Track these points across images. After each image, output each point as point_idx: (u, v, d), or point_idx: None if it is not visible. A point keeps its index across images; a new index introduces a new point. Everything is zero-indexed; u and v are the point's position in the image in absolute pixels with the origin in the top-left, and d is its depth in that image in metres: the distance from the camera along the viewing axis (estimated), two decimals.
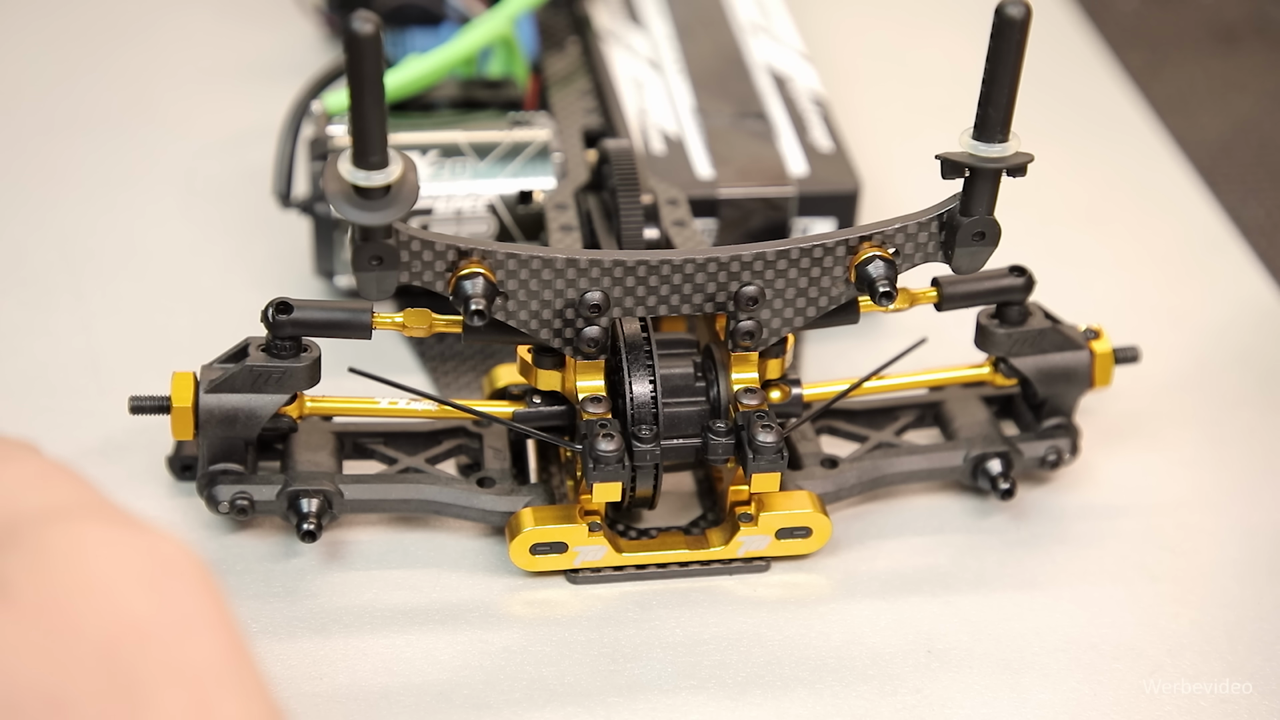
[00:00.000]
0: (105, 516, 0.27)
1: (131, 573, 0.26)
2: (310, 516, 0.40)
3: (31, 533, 0.27)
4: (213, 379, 0.39)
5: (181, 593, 0.27)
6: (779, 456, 0.39)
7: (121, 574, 0.26)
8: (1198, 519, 0.44)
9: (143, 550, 0.27)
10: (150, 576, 0.26)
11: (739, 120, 0.52)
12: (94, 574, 0.26)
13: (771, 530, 0.41)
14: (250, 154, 0.55)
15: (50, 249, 0.52)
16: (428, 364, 0.47)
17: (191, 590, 0.27)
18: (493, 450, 0.43)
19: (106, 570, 0.26)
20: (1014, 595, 0.41)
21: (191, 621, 0.26)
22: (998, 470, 0.43)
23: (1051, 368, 0.43)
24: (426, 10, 0.56)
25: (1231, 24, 0.69)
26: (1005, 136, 0.37)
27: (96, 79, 0.60)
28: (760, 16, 0.58)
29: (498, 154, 0.48)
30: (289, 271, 0.51)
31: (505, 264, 0.38)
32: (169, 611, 0.26)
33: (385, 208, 0.35)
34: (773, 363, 0.41)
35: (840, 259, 0.39)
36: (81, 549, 0.27)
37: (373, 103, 0.33)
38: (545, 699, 0.38)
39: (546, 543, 0.40)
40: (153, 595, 0.26)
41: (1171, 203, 0.57)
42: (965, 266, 0.40)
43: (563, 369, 0.41)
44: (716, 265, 0.39)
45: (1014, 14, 0.36)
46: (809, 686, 0.39)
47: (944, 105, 0.60)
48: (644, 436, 0.39)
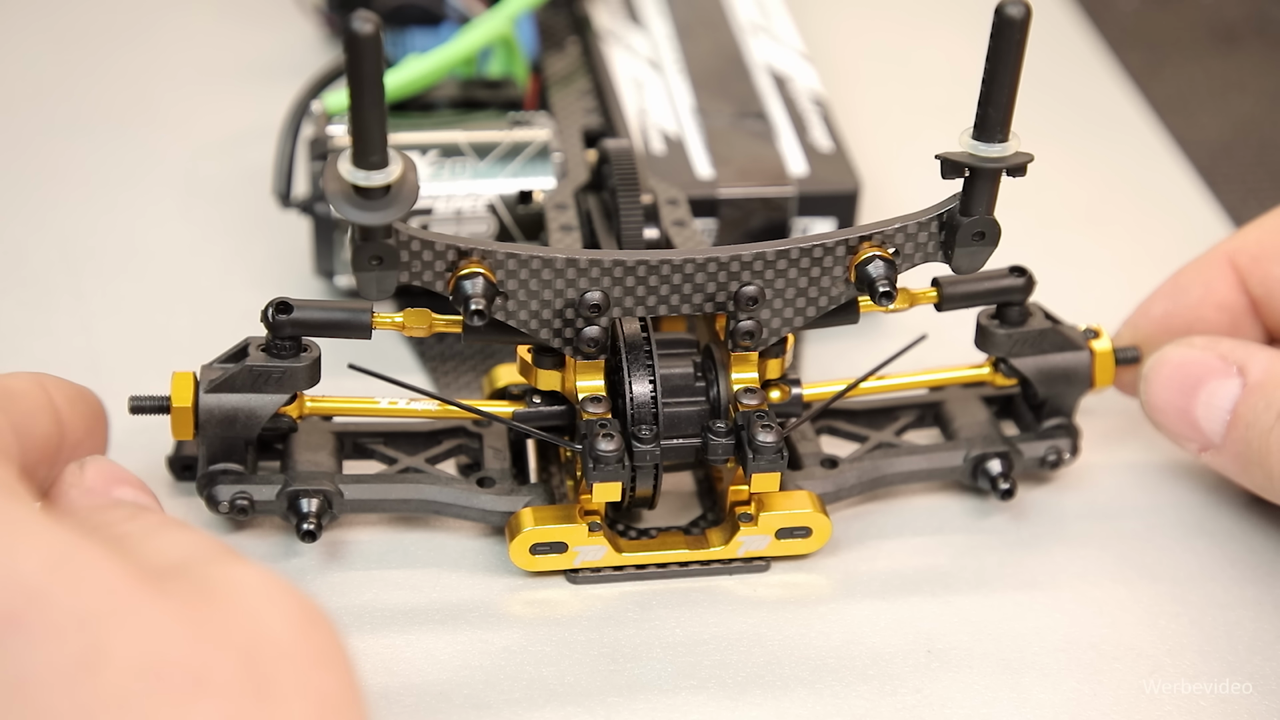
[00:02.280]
0: (257, 568, 0.31)
1: (275, 607, 0.30)
2: (310, 516, 0.40)
3: (194, 568, 0.30)
4: (212, 379, 0.39)
5: (316, 633, 0.30)
6: (779, 456, 0.39)
7: (267, 606, 0.30)
8: (1197, 519, 0.44)
9: (287, 594, 0.30)
10: (291, 614, 0.30)
11: (739, 120, 0.52)
12: (242, 600, 0.29)
13: (771, 530, 0.41)
14: (250, 154, 0.55)
15: (50, 249, 0.52)
16: (427, 364, 0.47)
17: (324, 634, 0.30)
18: (492, 450, 0.43)
19: (254, 600, 0.30)
20: (1014, 595, 0.41)
21: (322, 656, 0.29)
22: (998, 470, 0.43)
23: (1052, 368, 0.43)
24: (426, 10, 0.56)
25: (1231, 24, 0.69)
26: (1005, 136, 0.37)
27: (96, 79, 0.60)
28: (760, 16, 0.58)
29: (497, 154, 0.48)
30: (288, 272, 0.51)
31: (505, 264, 0.38)
32: (304, 644, 0.29)
33: (385, 208, 0.35)
34: (772, 363, 0.41)
35: (840, 259, 0.39)
36: (234, 582, 0.30)
37: (373, 103, 0.33)
38: (545, 699, 0.38)
39: (546, 543, 0.40)
40: (292, 628, 0.29)
41: (1171, 203, 0.57)
42: (965, 266, 0.40)
43: (562, 369, 0.41)
44: (716, 265, 0.39)
45: (1014, 14, 0.36)
46: (809, 686, 0.39)
47: (944, 105, 0.60)
48: (644, 436, 0.39)
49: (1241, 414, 0.40)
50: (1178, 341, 0.42)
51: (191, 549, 0.31)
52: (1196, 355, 0.41)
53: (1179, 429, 0.42)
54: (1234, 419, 0.40)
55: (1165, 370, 0.42)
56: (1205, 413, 0.41)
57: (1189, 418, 0.41)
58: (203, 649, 0.28)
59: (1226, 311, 0.44)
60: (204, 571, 0.30)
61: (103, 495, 0.34)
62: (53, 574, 0.27)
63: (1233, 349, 0.41)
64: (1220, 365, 0.41)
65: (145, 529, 0.31)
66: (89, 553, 0.28)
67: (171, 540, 0.31)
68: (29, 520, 0.28)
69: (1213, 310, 0.43)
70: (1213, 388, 0.41)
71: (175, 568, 0.30)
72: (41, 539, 0.28)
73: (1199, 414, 0.41)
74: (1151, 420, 0.43)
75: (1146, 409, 0.43)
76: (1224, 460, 0.41)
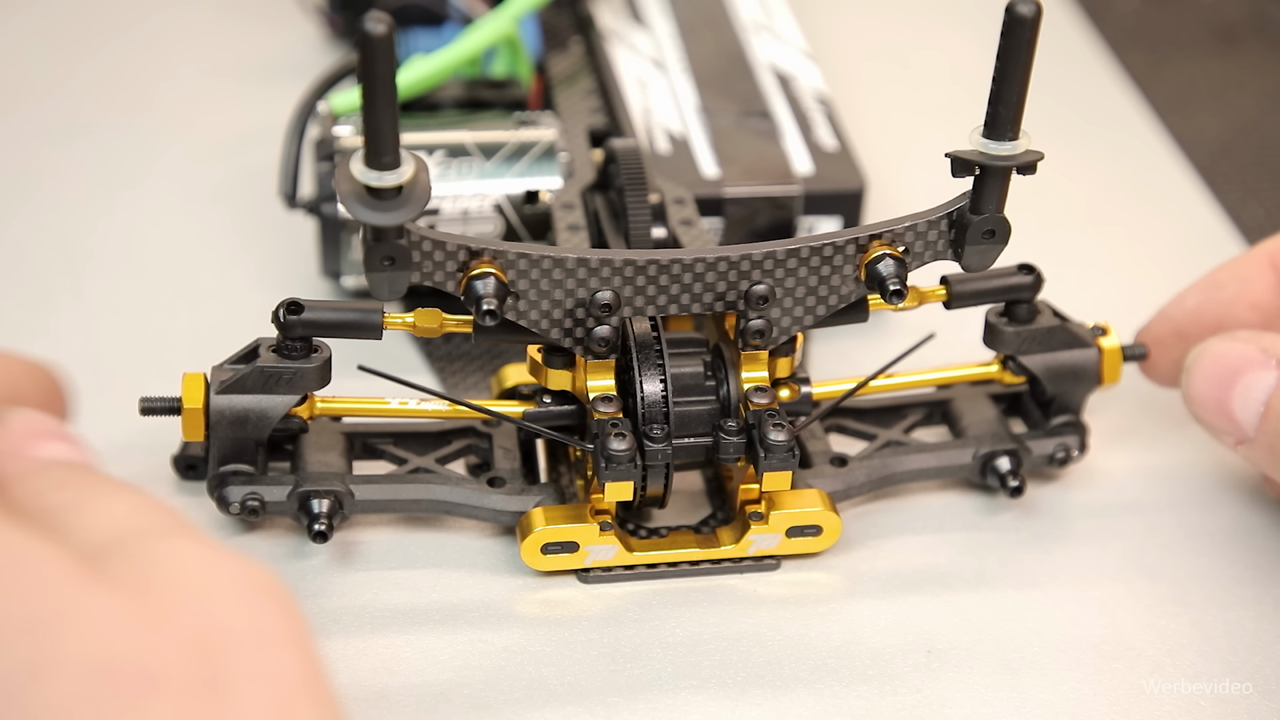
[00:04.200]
0: (200, 540, 0.29)
1: (224, 585, 0.28)
2: (321, 517, 0.40)
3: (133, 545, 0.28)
4: (223, 380, 0.39)
5: (268, 609, 0.28)
6: (790, 455, 0.39)
7: (214, 585, 0.28)
8: (1198, 519, 0.44)
9: (234, 569, 0.28)
10: (240, 591, 0.28)
11: (743, 119, 0.52)
12: (189, 582, 0.28)
13: (782, 529, 0.41)
14: (251, 154, 0.55)
15: (50, 249, 0.51)
16: (435, 364, 0.47)
17: (277, 609, 0.28)
18: (502, 450, 0.43)
19: (201, 581, 0.28)
20: (1014, 595, 0.41)
21: (277, 635, 0.28)
22: (1007, 468, 0.43)
23: (1060, 365, 0.43)
24: (429, 10, 0.56)
25: (1231, 24, 0.69)
26: (1015, 134, 0.37)
27: (96, 79, 0.60)
28: (763, 15, 0.58)
29: (504, 154, 0.48)
30: (290, 272, 0.51)
31: (516, 264, 0.38)
32: (257, 623, 0.28)
33: (398, 208, 0.35)
34: (782, 361, 0.41)
35: (850, 257, 0.39)
36: (178, 561, 0.28)
37: (385, 103, 0.33)
38: (545, 699, 0.38)
39: (557, 542, 0.40)
40: (242, 607, 0.28)
41: (1171, 203, 0.57)
42: (975, 264, 0.40)
43: (573, 368, 0.40)
44: (727, 264, 0.39)
45: (1025, 12, 0.36)
46: (809, 686, 0.39)
47: (947, 104, 0.61)
48: (655, 436, 0.39)
49: (1274, 406, 0.40)
50: (1222, 334, 0.42)
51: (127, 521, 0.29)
52: (1237, 347, 0.41)
53: (1216, 421, 0.41)
54: (1267, 410, 0.40)
55: (1206, 362, 0.41)
56: (1241, 404, 0.40)
57: (1225, 409, 0.41)
58: (153, 642, 0.26)
59: (1259, 311, 0.43)
60: (143, 550, 0.28)
61: (26, 455, 0.31)
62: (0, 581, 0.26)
63: (1275, 342, 0.41)
64: (1260, 357, 0.40)
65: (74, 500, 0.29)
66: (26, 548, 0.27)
67: (104, 511, 0.29)
68: None
69: (1245, 309, 0.43)
70: (1250, 380, 0.40)
71: (112, 545, 0.28)
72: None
73: (1235, 405, 0.40)
74: (1191, 412, 0.42)
75: (1187, 400, 0.42)
76: (1257, 453, 0.41)
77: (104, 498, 0.29)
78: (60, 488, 0.29)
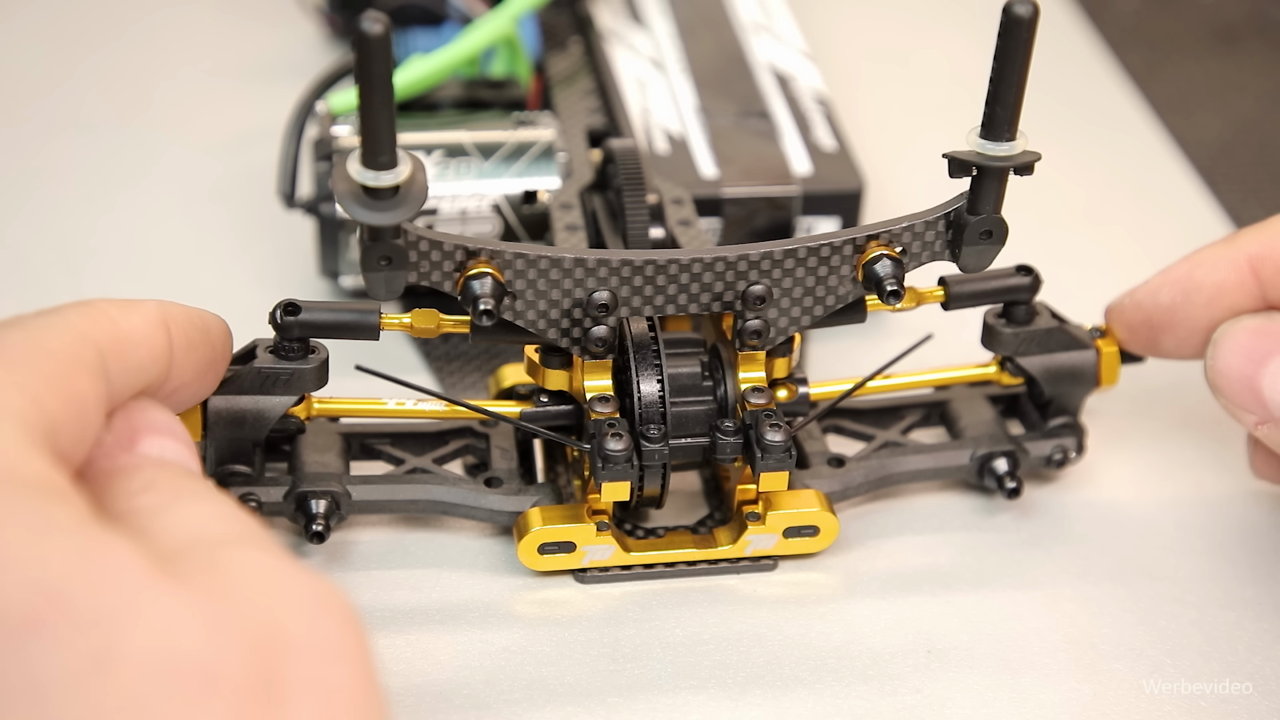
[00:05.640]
0: (273, 551, 0.30)
1: (290, 596, 0.29)
2: (319, 517, 0.40)
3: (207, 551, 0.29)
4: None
5: (331, 624, 0.29)
6: (788, 455, 0.39)
7: (281, 595, 0.29)
8: (1198, 519, 0.44)
9: (302, 581, 0.29)
10: (306, 604, 0.29)
11: (742, 119, 0.52)
12: (256, 590, 0.29)
13: (779, 529, 0.41)
14: (250, 154, 0.55)
15: (50, 249, 0.51)
16: (433, 364, 0.47)
17: (340, 624, 0.29)
18: (500, 450, 0.43)
19: (268, 590, 0.29)
20: (1014, 595, 0.41)
21: (337, 649, 0.29)
22: (1004, 469, 0.43)
23: (1058, 367, 0.43)
24: (428, 10, 0.56)
25: (1231, 24, 0.69)
26: (1013, 135, 0.37)
27: (96, 79, 0.60)
28: (762, 15, 0.58)
29: (502, 154, 0.48)
30: (289, 272, 0.51)
31: (513, 264, 0.38)
32: (318, 636, 0.29)
33: (395, 208, 0.35)
34: (779, 362, 0.41)
35: (848, 258, 0.39)
36: (249, 569, 0.29)
37: (382, 103, 0.33)
38: (545, 699, 0.38)
39: (554, 542, 0.40)
40: (305, 619, 0.29)
41: (1171, 203, 0.57)
42: (972, 265, 0.40)
43: (570, 369, 0.40)
44: (724, 264, 0.39)
45: (1022, 12, 0.36)
46: (809, 686, 0.39)
47: (946, 104, 0.61)
48: (652, 436, 0.39)
49: None
50: (1256, 313, 0.41)
51: (206, 527, 0.30)
52: (1273, 327, 0.40)
53: (1241, 398, 0.40)
54: None
55: (1239, 337, 0.40)
56: (1271, 383, 0.39)
57: (1254, 387, 0.40)
58: (215, 644, 0.27)
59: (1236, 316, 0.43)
60: (217, 555, 0.29)
61: (126, 451, 0.33)
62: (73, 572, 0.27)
63: None
64: None
65: (158, 504, 0.31)
66: (107, 545, 0.28)
67: (186, 516, 0.30)
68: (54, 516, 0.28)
69: (1223, 313, 0.42)
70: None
71: (188, 549, 0.29)
72: (65, 536, 0.28)
73: (1265, 384, 0.40)
74: (1213, 386, 0.41)
75: (1210, 374, 0.41)
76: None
77: (188, 503, 0.31)
78: (149, 490, 0.31)
